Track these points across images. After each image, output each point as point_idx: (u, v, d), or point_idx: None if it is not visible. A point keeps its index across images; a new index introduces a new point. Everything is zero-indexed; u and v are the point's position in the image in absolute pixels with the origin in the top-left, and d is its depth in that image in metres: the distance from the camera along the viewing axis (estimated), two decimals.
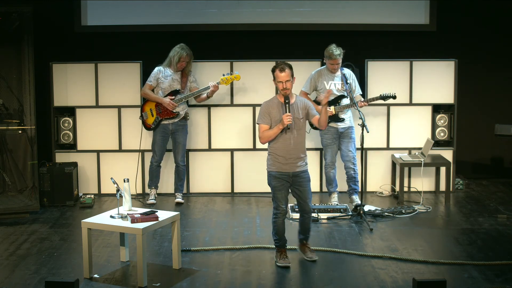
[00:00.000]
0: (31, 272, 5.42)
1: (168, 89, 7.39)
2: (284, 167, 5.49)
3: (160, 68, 7.44)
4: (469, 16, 8.42)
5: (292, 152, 5.48)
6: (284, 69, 5.43)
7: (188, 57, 7.34)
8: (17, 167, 7.33)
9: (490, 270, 5.41)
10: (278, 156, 5.49)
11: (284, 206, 5.55)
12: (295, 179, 5.53)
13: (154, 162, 7.56)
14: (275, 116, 5.47)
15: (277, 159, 5.50)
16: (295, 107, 5.50)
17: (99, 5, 8.22)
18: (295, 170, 5.50)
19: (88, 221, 5.39)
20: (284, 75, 5.41)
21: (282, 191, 5.52)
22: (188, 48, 7.35)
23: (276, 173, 5.51)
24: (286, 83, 5.41)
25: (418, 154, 7.69)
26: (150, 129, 7.53)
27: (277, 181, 5.51)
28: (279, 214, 5.55)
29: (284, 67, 5.44)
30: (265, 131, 5.50)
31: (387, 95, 7.24)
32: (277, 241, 5.63)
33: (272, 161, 5.54)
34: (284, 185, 5.52)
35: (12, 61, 7.18)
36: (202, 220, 6.92)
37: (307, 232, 5.71)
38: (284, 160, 5.48)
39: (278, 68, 5.46)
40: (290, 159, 5.48)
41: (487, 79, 8.55)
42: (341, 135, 7.29)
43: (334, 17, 8.32)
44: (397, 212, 7.03)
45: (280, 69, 5.44)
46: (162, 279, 5.27)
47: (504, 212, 7.07)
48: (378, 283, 5.16)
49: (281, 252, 5.62)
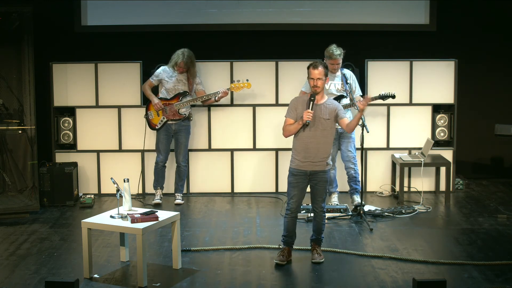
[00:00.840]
0: (31, 272, 5.42)
1: (172, 90, 7.38)
2: (302, 165, 5.53)
3: (164, 68, 7.44)
4: (469, 16, 8.42)
5: (312, 152, 5.50)
6: (317, 66, 5.50)
7: (184, 64, 7.33)
8: (17, 167, 7.33)
9: (490, 270, 5.41)
10: (297, 153, 5.55)
11: (294, 203, 5.58)
12: (312, 177, 5.56)
13: (160, 162, 7.56)
14: (301, 112, 5.53)
15: (296, 156, 5.56)
16: (323, 107, 5.53)
17: (99, 5, 8.23)
18: (313, 169, 5.53)
19: (88, 221, 5.39)
20: (317, 72, 5.48)
21: (295, 188, 5.56)
22: (189, 56, 7.31)
23: (294, 170, 5.57)
24: (317, 80, 5.47)
25: (418, 154, 7.69)
26: (154, 129, 7.53)
27: (293, 178, 5.57)
28: (288, 211, 5.61)
29: (317, 65, 5.51)
30: (287, 125, 5.58)
31: (387, 94, 7.24)
32: (283, 237, 5.68)
33: (292, 158, 5.61)
34: (299, 183, 5.55)
35: (12, 61, 7.18)
36: (202, 220, 6.92)
37: (318, 233, 5.70)
38: (303, 158, 5.51)
39: (312, 65, 5.53)
40: (309, 157, 5.50)
41: (487, 79, 8.56)
42: (340, 135, 7.29)
43: (334, 17, 8.33)
44: (397, 212, 7.03)
45: (314, 67, 5.51)
46: (162, 279, 5.27)
47: (504, 212, 7.07)
48: (378, 283, 5.16)
49: (284, 249, 5.65)
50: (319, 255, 5.65)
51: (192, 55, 7.36)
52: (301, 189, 5.58)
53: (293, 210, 5.60)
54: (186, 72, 7.42)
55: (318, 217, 5.67)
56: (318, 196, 5.61)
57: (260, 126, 7.97)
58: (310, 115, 5.43)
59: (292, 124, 5.55)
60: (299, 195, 5.58)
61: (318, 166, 5.53)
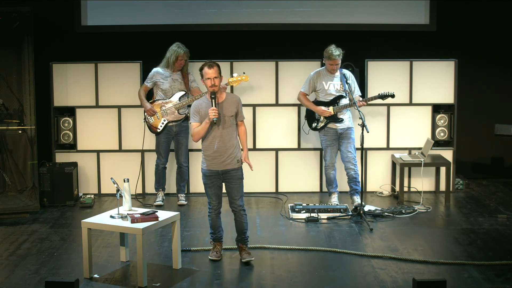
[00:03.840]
0: (31, 272, 5.43)
1: (169, 90, 7.36)
2: (213, 165, 5.60)
3: (157, 69, 7.41)
4: (469, 16, 8.42)
5: (220, 150, 5.56)
6: (212, 66, 5.54)
7: (186, 55, 7.32)
8: (17, 167, 7.33)
9: (490, 270, 5.41)
10: (207, 154, 5.61)
11: (215, 202, 5.70)
12: (225, 176, 5.64)
13: (161, 165, 7.54)
14: (204, 113, 5.56)
15: (207, 158, 5.62)
16: (226, 104, 5.59)
17: (99, 5, 8.23)
18: (223, 168, 5.60)
19: (88, 221, 5.39)
20: (212, 71, 5.51)
21: (212, 188, 5.66)
22: (184, 46, 7.33)
23: (206, 171, 5.65)
24: (214, 79, 5.51)
25: (418, 154, 7.69)
26: (156, 132, 7.44)
27: (206, 179, 5.66)
28: (211, 209, 5.74)
29: (212, 64, 5.56)
30: (195, 128, 5.59)
31: (386, 94, 7.24)
32: (212, 234, 5.80)
33: (202, 158, 5.67)
34: (213, 183, 5.64)
35: (12, 61, 7.18)
36: (202, 220, 6.92)
37: (241, 233, 5.74)
38: (212, 159, 5.59)
39: (207, 65, 5.56)
40: (218, 157, 5.57)
41: (487, 79, 8.55)
42: (340, 136, 7.29)
43: (334, 17, 8.33)
44: (397, 212, 7.03)
45: (209, 66, 5.55)
46: (162, 279, 5.27)
47: (504, 212, 7.07)
48: (378, 283, 5.16)
49: (215, 245, 5.78)
50: (248, 254, 5.68)
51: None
52: (216, 187, 5.67)
53: (216, 208, 5.73)
54: (181, 70, 7.39)
55: (238, 216, 5.71)
56: (234, 194, 5.66)
57: (260, 126, 7.97)
58: (216, 112, 5.46)
59: (199, 127, 5.56)
60: (217, 193, 5.69)
61: (228, 164, 5.60)
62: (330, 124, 7.23)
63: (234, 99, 5.66)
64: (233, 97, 5.70)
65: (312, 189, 8.02)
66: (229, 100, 5.63)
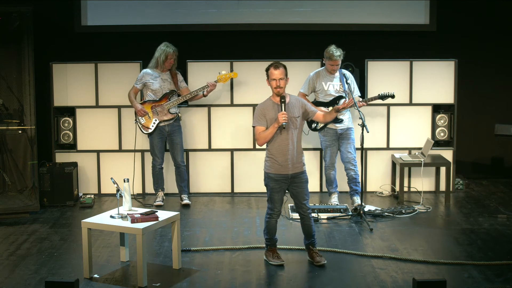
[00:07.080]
0: (31, 272, 5.43)
1: (159, 90, 7.34)
2: (283, 169, 5.45)
3: (146, 70, 7.38)
4: (469, 16, 8.42)
5: (290, 153, 5.44)
6: (278, 66, 5.40)
7: (175, 54, 7.28)
8: (17, 167, 7.33)
9: (490, 270, 5.41)
10: (277, 157, 5.45)
11: (280, 207, 5.55)
12: (293, 180, 5.50)
13: (157, 165, 7.52)
14: (271, 117, 5.42)
15: (276, 161, 5.46)
16: (291, 106, 5.46)
17: (99, 5, 8.23)
18: (293, 172, 5.48)
19: (88, 221, 5.39)
20: (278, 72, 5.37)
21: (279, 193, 5.50)
22: (173, 45, 7.30)
23: (275, 175, 5.48)
24: (280, 81, 5.36)
25: (418, 154, 7.69)
26: (149, 133, 7.41)
27: (275, 183, 5.48)
28: (273, 215, 5.56)
29: (278, 65, 5.41)
30: (261, 132, 5.44)
31: (386, 94, 7.23)
32: (268, 240, 5.64)
33: (270, 163, 5.49)
34: (281, 187, 5.50)
35: (12, 61, 7.18)
36: (202, 220, 6.92)
37: (310, 237, 5.65)
38: (283, 162, 5.44)
39: (273, 66, 5.43)
40: (289, 160, 5.44)
41: (487, 79, 8.56)
42: (340, 136, 7.28)
43: (334, 17, 8.33)
44: (397, 212, 7.03)
45: (275, 67, 5.40)
46: (162, 279, 5.27)
47: (504, 212, 7.07)
48: (378, 283, 5.16)
49: (273, 251, 5.64)
50: (320, 257, 5.60)
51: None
52: (283, 192, 5.54)
53: (278, 214, 5.58)
54: (169, 70, 7.38)
55: (306, 219, 5.58)
56: (303, 198, 5.53)
57: None
58: (286, 116, 5.33)
59: (266, 131, 5.42)
60: (282, 199, 5.55)
61: (298, 168, 5.49)
62: (329, 124, 7.23)
63: (298, 100, 5.52)
64: (296, 98, 5.56)
65: (312, 189, 7.97)
66: (293, 101, 5.49)
